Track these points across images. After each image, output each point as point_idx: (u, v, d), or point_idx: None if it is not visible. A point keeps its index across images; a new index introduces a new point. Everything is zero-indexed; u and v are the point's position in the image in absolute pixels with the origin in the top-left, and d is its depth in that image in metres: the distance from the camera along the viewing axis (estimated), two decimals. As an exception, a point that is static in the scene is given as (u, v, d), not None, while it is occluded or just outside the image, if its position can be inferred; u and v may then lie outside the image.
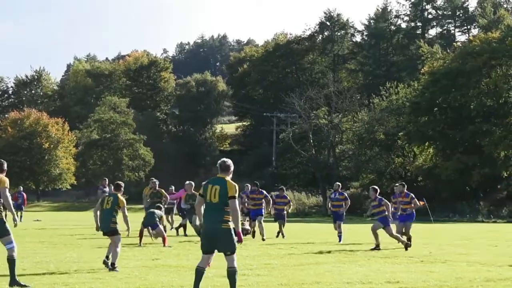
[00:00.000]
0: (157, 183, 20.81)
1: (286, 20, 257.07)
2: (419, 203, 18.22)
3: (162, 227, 17.87)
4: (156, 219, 17.50)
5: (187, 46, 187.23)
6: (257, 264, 12.59)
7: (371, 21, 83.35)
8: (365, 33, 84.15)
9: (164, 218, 19.19)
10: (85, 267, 11.88)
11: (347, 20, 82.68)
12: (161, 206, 19.10)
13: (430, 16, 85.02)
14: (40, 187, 69.02)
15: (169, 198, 21.41)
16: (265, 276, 10.68)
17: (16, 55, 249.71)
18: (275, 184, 50.01)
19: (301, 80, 74.81)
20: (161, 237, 17.22)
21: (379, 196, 17.29)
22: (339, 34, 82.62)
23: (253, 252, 14.88)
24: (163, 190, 20.84)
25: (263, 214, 20.66)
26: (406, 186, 18.08)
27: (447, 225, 34.62)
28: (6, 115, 78.23)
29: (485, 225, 36.50)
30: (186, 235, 20.93)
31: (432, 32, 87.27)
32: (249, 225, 20.52)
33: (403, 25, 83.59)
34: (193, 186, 19.78)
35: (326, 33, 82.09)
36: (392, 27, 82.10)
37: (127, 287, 9.52)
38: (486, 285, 9.84)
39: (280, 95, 65.79)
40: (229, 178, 8.45)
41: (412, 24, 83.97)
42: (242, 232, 8.53)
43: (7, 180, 9.60)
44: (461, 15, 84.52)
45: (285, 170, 65.88)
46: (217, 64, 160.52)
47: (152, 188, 20.47)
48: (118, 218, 12.05)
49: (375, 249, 16.37)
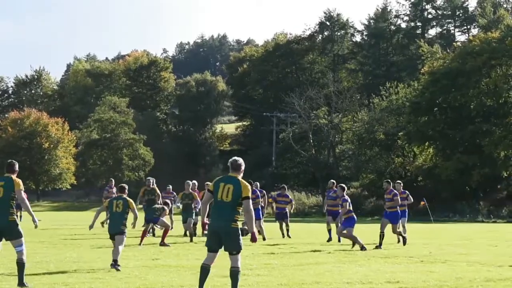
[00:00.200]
0: (151, 181, 21.14)
1: (286, 20, 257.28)
2: (400, 201, 17.68)
3: (165, 220, 18.06)
4: (156, 213, 17.83)
5: (187, 46, 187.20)
6: (257, 264, 12.59)
7: (371, 21, 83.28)
8: (365, 33, 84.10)
9: (167, 211, 18.95)
10: (85, 267, 11.88)
11: (347, 20, 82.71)
12: (168, 202, 19.44)
13: (430, 16, 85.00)
14: (40, 187, 69.02)
15: (161, 196, 21.36)
16: (265, 276, 10.68)
17: (16, 55, 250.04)
18: (275, 184, 50.03)
19: (301, 80, 74.74)
20: (164, 228, 17.49)
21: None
22: (339, 34, 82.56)
23: (253, 252, 14.87)
24: (156, 188, 21.07)
25: (262, 215, 20.52)
26: (391, 184, 17.95)
27: (447, 225, 34.60)
28: (6, 115, 78.11)
29: (485, 225, 36.49)
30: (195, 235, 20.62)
31: (432, 32, 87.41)
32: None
33: (403, 25, 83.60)
34: (190, 186, 19.78)
35: (326, 33, 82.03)
36: (392, 27, 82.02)
37: (127, 287, 9.52)
38: (486, 285, 9.84)
39: (280, 95, 65.79)
40: (241, 178, 8.44)
41: (412, 24, 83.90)
42: (242, 232, 8.52)
43: (21, 182, 9.63)
44: (461, 15, 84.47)
45: (285, 170, 65.86)
46: (217, 64, 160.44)
47: (146, 186, 21.00)
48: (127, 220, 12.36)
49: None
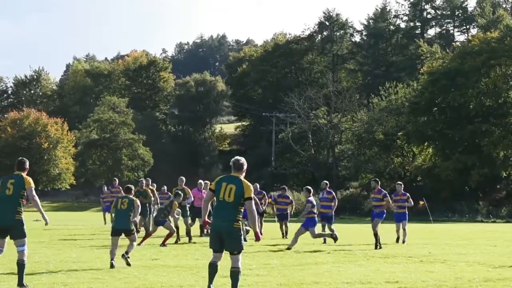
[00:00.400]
0: (144, 182, 20.43)
1: (285, 20, 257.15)
2: (392, 205, 17.75)
3: (173, 222, 17.92)
4: (162, 215, 17.42)
5: (186, 46, 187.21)
6: (256, 264, 12.59)
7: (370, 21, 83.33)
8: (364, 33, 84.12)
9: (176, 204, 18.01)
10: (84, 267, 11.88)
11: (346, 20, 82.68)
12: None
13: (429, 16, 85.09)
14: (39, 187, 68.87)
15: (153, 197, 20.43)
16: (265, 276, 10.68)
17: (15, 55, 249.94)
18: (274, 184, 50.05)
19: (300, 80, 74.72)
20: (169, 231, 17.31)
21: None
22: (338, 34, 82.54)
23: (253, 252, 14.88)
24: (149, 190, 20.28)
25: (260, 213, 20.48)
26: (379, 183, 17.86)
27: (446, 225, 34.58)
28: (5, 115, 78.00)
29: (484, 225, 36.52)
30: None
31: (431, 32, 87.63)
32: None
33: (402, 25, 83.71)
34: (184, 181, 19.40)
35: (325, 33, 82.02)
36: (391, 27, 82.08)
37: (126, 287, 9.53)
38: (485, 285, 9.85)
39: (279, 95, 65.78)
40: (243, 177, 8.44)
41: (411, 24, 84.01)
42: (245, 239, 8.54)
43: (31, 180, 9.63)
44: (460, 15, 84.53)
45: (284, 170, 65.81)
46: (216, 64, 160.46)
47: (139, 187, 19.78)
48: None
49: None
